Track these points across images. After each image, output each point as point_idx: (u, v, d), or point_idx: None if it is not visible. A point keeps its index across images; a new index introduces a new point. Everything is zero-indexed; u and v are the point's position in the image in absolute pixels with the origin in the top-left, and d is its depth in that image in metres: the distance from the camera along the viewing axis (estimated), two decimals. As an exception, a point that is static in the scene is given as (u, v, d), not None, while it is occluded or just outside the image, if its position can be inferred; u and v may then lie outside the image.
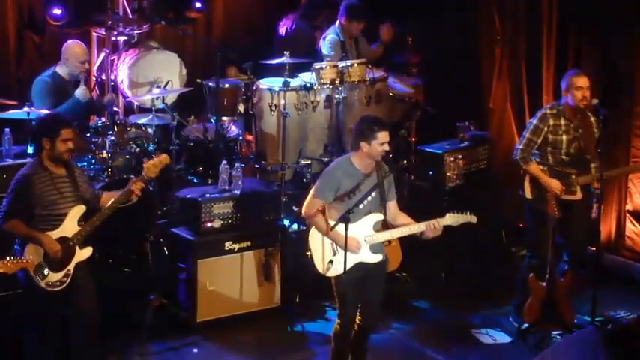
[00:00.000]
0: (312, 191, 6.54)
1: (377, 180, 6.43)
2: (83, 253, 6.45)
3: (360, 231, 6.45)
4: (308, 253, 6.59)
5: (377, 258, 6.53)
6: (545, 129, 7.55)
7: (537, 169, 7.57)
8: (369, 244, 6.48)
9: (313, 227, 6.53)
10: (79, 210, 6.44)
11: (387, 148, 6.40)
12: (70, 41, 8.57)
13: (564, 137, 7.56)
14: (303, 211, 6.56)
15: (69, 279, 6.38)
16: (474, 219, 6.54)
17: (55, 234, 6.33)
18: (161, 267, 7.93)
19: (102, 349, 6.81)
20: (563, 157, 7.58)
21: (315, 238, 6.54)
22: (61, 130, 6.41)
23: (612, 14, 8.74)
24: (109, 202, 6.50)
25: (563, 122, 7.56)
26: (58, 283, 6.35)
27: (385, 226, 6.54)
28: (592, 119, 7.64)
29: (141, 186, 6.52)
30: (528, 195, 7.64)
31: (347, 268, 6.33)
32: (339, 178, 6.46)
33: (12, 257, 6.01)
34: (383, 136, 6.37)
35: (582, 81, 7.50)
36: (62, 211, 6.39)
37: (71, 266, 6.40)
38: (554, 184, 7.49)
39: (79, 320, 6.50)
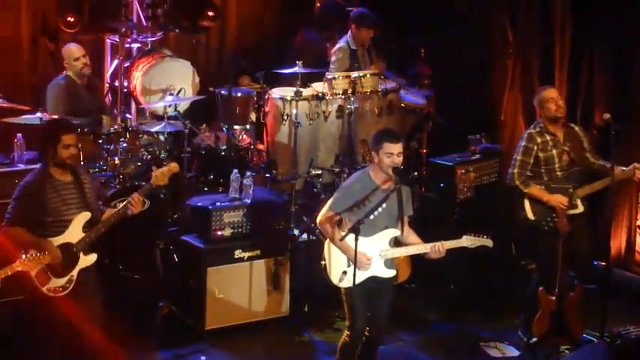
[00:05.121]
0: (329, 202, 6.52)
1: (392, 193, 6.35)
2: (87, 260, 6.40)
3: (376, 245, 6.43)
4: (322, 262, 6.57)
5: (390, 273, 6.50)
6: (535, 147, 7.55)
7: (537, 189, 7.53)
8: (384, 259, 6.46)
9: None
10: (84, 217, 6.38)
11: (395, 159, 6.31)
12: (65, 45, 8.61)
13: (554, 152, 7.57)
14: (317, 221, 6.56)
15: (72, 285, 6.35)
16: (490, 242, 6.52)
17: (58, 240, 6.29)
18: (170, 274, 7.94)
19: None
20: (558, 173, 7.57)
21: (330, 248, 6.51)
22: (61, 136, 6.32)
23: (626, 29, 8.75)
24: (114, 211, 6.47)
25: (548, 138, 7.58)
26: (61, 288, 6.32)
27: (398, 242, 6.52)
28: (576, 129, 7.69)
29: (139, 199, 6.42)
30: (531, 216, 7.58)
31: (359, 281, 6.31)
32: (357, 191, 6.41)
33: (29, 255, 5.97)
34: (388, 147, 6.31)
35: (552, 92, 7.60)
36: (66, 218, 6.34)
37: (75, 272, 6.35)
38: (560, 199, 7.45)
39: (88, 325, 6.44)
